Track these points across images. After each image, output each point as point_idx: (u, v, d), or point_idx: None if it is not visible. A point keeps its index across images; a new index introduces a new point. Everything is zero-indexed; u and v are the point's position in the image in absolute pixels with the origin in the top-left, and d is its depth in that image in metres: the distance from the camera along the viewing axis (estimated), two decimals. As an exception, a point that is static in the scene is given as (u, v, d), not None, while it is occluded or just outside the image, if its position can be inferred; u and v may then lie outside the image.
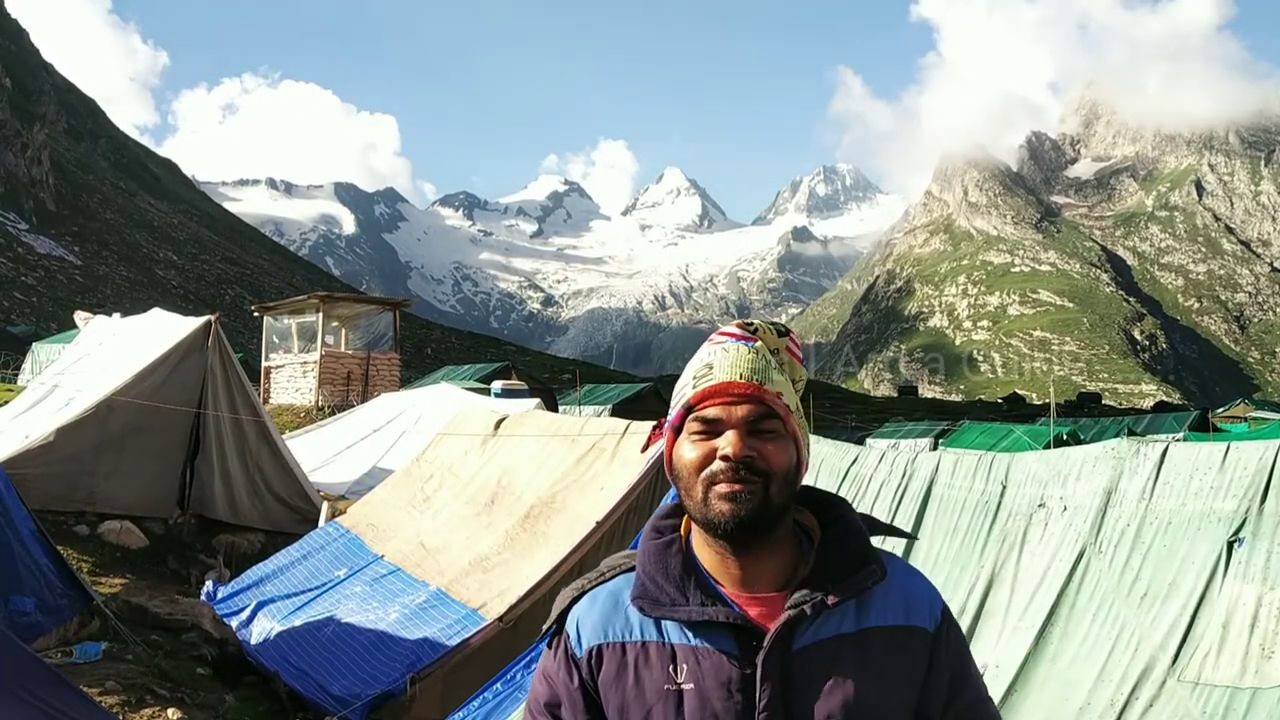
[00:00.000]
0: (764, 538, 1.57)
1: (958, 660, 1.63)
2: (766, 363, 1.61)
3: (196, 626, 7.14)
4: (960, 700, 1.61)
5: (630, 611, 1.60)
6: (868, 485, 4.88)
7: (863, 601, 1.57)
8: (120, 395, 10.18)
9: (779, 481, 1.54)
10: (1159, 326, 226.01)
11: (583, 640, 1.61)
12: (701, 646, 1.55)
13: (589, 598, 1.66)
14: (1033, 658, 3.64)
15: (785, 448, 1.57)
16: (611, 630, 1.60)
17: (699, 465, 1.55)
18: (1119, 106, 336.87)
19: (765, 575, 1.59)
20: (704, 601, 1.55)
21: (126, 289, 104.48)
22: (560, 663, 1.64)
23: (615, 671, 1.58)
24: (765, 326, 1.67)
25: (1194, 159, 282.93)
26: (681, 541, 1.64)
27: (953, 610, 4.20)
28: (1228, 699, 3.07)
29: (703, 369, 1.61)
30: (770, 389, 1.58)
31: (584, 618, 1.63)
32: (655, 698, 1.54)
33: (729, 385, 1.57)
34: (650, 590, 1.59)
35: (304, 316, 25.94)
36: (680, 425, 1.61)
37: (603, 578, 1.68)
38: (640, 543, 1.68)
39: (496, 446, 8.53)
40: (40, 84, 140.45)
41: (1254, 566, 3.21)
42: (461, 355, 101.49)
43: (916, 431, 43.50)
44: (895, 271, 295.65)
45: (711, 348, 1.64)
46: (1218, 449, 3.52)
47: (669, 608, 1.56)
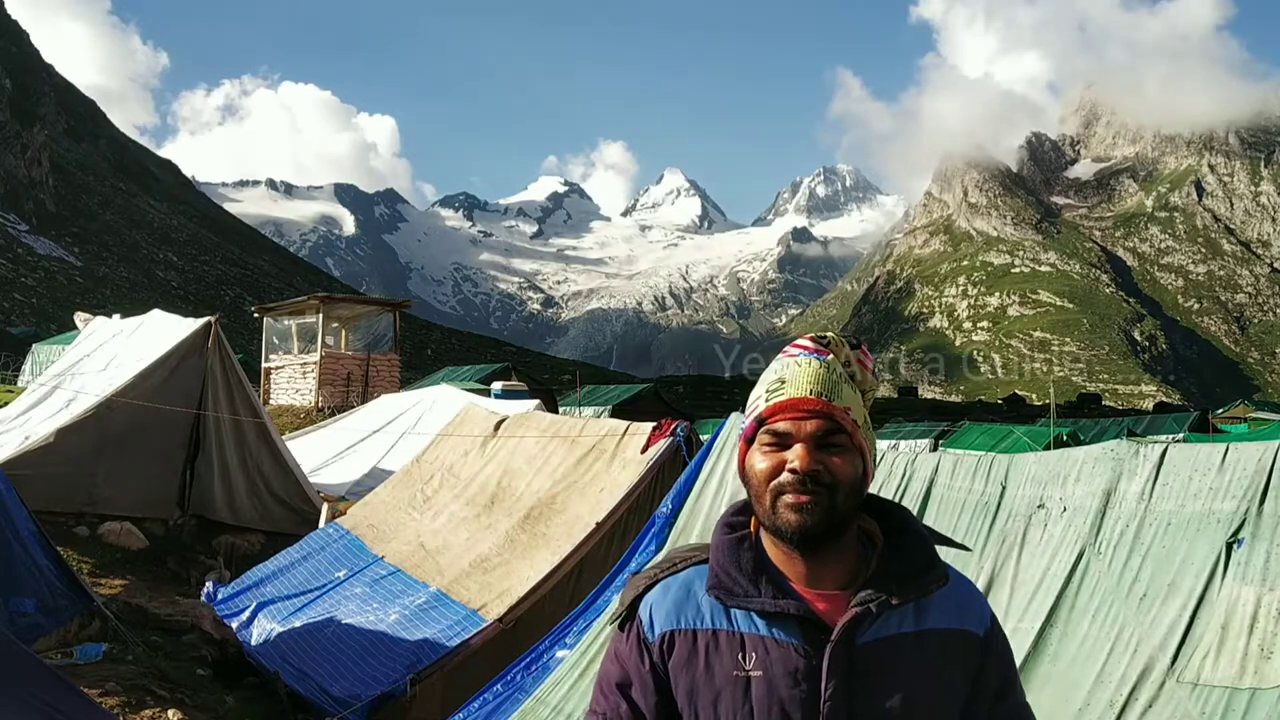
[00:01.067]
0: (829, 543, 1.64)
1: (1005, 664, 1.74)
2: (837, 377, 1.67)
3: (197, 628, 7.14)
4: (1006, 701, 1.71)
5: (702, 601, 1.68)
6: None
7: (921, 604, 1.66)
8: (120, 396, 10.19)
9: (844, 492, 1.62)
10: (1159, 327, 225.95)
11: (655, 626, 1.69)
12: (770, 636, 1.63)
13: (661, 586, 1.73)
14: (1032, 658, 3.65)
15: (852, 460, 1.64)
16: (684, 618, 1.68)
17: (769, 476, 1.63)
18: (1119, 107, 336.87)
19: (830, 574, 1.67)
20: (775, 595, 1.64)
21: (126, 290, 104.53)
22: (633, 646, 1.70)
23: (686, 656, 1.65)
24: (837, 340, 1.73)
25: (1194, 160, 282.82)
26: (752, 538, 1.72)
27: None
28: (1227, 699, 3.07)
29: (775, 382, 1.68)
30: (839, 404, 1.64)
31: (657, 604, 1.71)
32: (724, 683, 1.62)
33: (800, 401, 1.64)
34: (725, 581, 1.66)
35: (304, 318, 25.94)
36: (752, 436, 1.69)
37: (675, 567, 1.76)
38: (714, 537, 1.75)
39: (496, 448, 8.53)
40: (40, 85, 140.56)
41: (1253, 567, 3.22)
42: (461, 356, 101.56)
43: (916, 432, 43.48)
44: (895, 272, 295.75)
45: (785, 360, 1.71)
46: (1217, 450, 3.53)
47: (743, 598, 1.64)
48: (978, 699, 1.67)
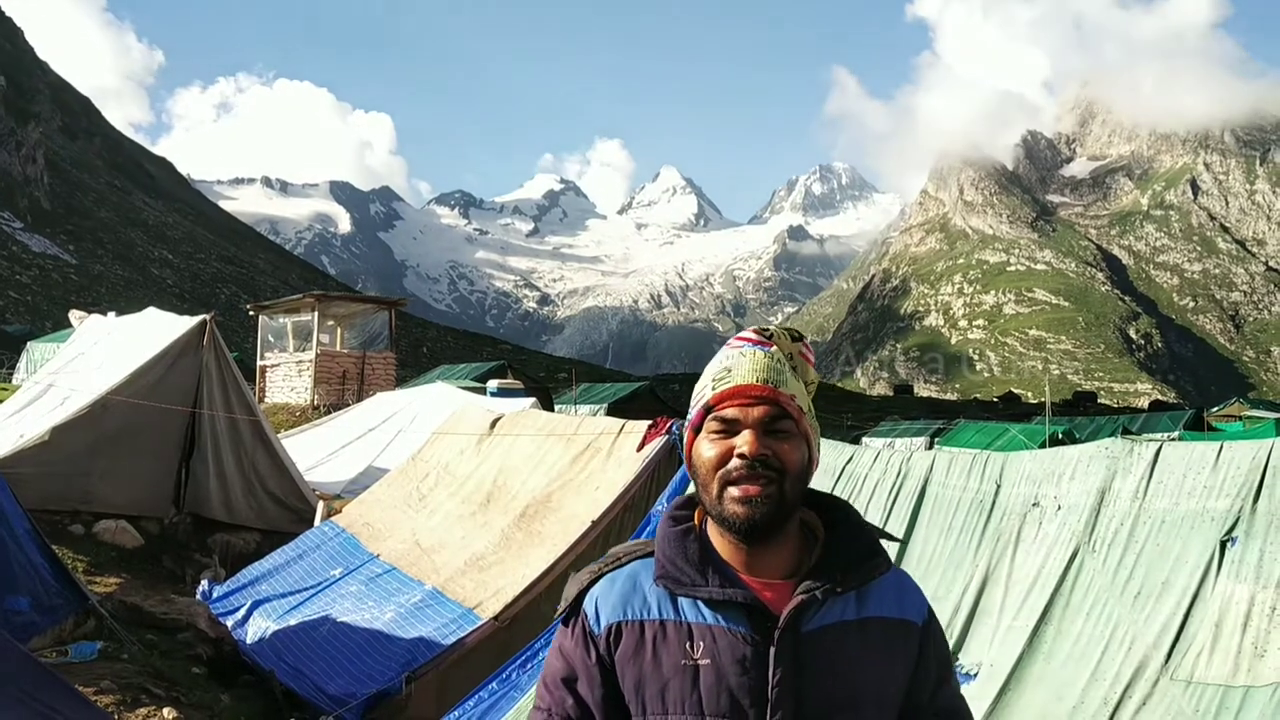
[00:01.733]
0: (775, 533, 1.67)
1: (942, 653, 1.78)
2: (781, 366, 1.71)
3: (192, 626, 7.13)
4: (947, 687, 1.76)
5: (648, 592, 1.70)
6: (862, 484, 4.89)
7: (863, 593, 1.69)
8: (115, 394, 10.17)
9: (792, 479, 1.65)
10: (1154, 325, 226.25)
11: (601, 618, 1.69)
12: (718, 625, 1.64)
13: (607, 580, 1.74)
14: (1027, 657, 3.65)
15: (798, 447, 1.67)
16: (630, 609, 1.69)
17: (717, 463, 1.65)
18: (1114, 105, 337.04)
19: (774, 564, 1.69)
20: (722, 583, 1.65)
21: (121, 288, 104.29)
22: (578, 640, 1.71)
23: (633, 647, 1.66)
24: (780, 332, 1.78)
25: (1189, 158, 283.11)
26: (697, 529, 1.73)
27: (947, 609, 4.22)
28: (1220, 697, 3.08)
29: (721, 372, 1.71)
30: (785, 391, 1.68)
31: (603, 598, 1.71)
32: (672, 672, 1.63)
33: (746, 388, 1.67)
34: (672, 571, 1.68)
35: (299, 315, 25.89)
36: (700, 425, 1.71)
37: (618, 562, 1.77)
38: (659, 529, 1.76)
39: (492, 446, 8.53)
40: (35, 82, 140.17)
41: (1247, 565, 3.23)
42: (457, 354, 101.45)
43: (912, 430, 43.59)
44: (891, 270, 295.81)
45: (729, 351, 1.74)
46: (1211, 448, 3.53)
47: (690, 587, 1.66)
48: (919, 687, 1.71)
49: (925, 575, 4.19)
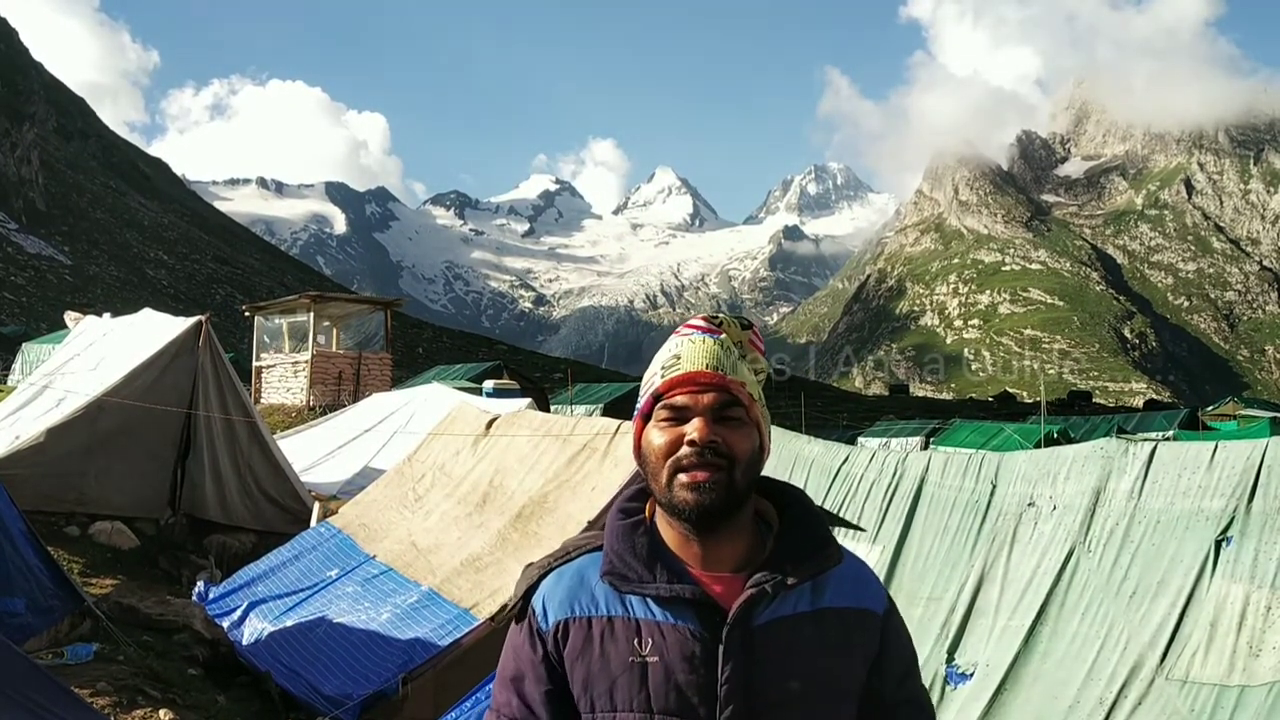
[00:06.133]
0: (726, 522, 1.64)
1: (906, 646, 1.74)
2: (731, 354, 1.69)
3: (188, 627, 7.13)
4: (908, 684, 1.72)
5: (596, 588, 1.67)
6: (858, 485, 4.89)
7: (818, 584, 1.66)
8: (111, 396, 10.14)
9: (742, 466, 1.62)
10: (1149, 325, 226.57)
11: (549, 615, 1.67)
12: (666, 621, 1.61)
13: (555, 575, 1.72)
14: (1023, 656, 3.66)
15: (749, 434, 1.65)
16: (578, 605, 1.66)
17: (666, 451, 1.63)
18: (1108, 105, 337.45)
19: (726, 556, 1.66)
20: (670, 579, 1.62)
21: (117, 289, 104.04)
22: (526, 638, 1.69)
23: (581, 645, 1.64)
24: (729, 320, 1.76)
25: (1183, 158, 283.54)
26: (647, 522, 1.71)
27: (943, 609, 4.23)
28: (1215, 697, 3.09)
29: (670, 359, 1.69)
30: (734, 378, 1.66)
31: (550, 594, 1.69)
32: (620, 669, 1.60)
33: (696, 375, 1.65)
34: (619, 567, 1.65)
35: (295, 316, 25.85)
36: (649, 413, 1.70)
37: (568, 556, 1.74)
38: (607, 522, 1.74)
39: (488, 446, 8.52)
40: (29, 83, 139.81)
41: (1241, 565, 3.23)
42: (453, 355, 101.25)
43: (908, 430, 43.56)
44: (886, 270, 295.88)
45: (679, 339, 1.72)
46: (1205, 448, 3.54)
47: (637, 584, 1.63)
48: (882, 681, 1.68)
49: (921, 575, 4.20)
